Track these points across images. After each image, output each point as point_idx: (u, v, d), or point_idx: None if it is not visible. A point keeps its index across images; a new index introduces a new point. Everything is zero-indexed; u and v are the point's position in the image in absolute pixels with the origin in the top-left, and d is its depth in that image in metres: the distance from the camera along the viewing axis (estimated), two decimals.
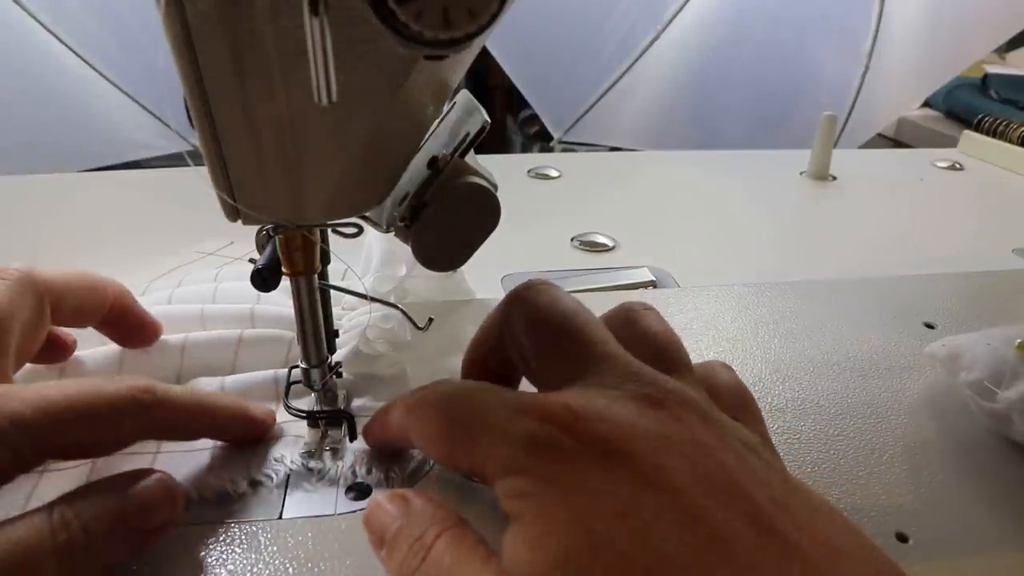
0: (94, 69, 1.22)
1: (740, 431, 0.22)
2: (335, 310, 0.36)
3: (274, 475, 0.27)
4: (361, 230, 0.27)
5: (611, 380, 0.22)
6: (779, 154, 0.82)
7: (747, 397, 0.25)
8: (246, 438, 0.29)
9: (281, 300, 0.37)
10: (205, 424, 0.27)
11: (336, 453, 0.29)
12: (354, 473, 0.28)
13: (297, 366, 0.30)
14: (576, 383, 0.22)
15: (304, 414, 0.30)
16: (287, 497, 0.27)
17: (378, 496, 0.23)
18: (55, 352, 0.31)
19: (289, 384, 0.31)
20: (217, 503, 0.26)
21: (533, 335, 0.24)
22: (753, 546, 0.17)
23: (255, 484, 0.27)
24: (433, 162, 0.27)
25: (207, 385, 0.32)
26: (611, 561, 0.17)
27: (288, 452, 0.28)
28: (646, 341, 0.25)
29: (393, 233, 0.29)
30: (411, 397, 0.24)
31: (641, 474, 0.19)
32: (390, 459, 0.29)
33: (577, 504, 0.18)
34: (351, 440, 0.30)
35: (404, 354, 0.35)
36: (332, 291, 0.32)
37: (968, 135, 0.83)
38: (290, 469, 0.28)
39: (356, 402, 0.32)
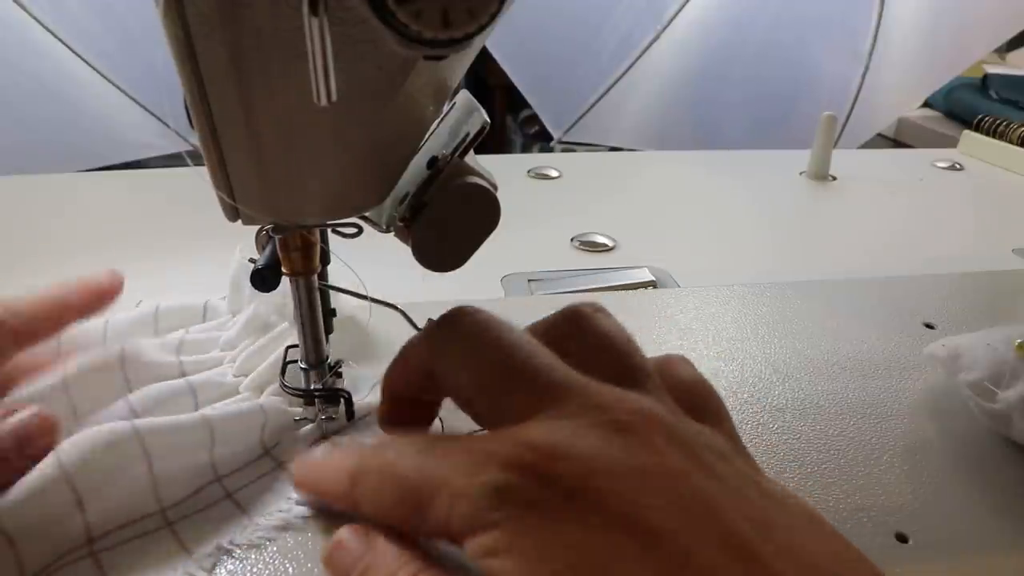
0: (94, 69, 1.22)
1: (707, 438, 0.21)
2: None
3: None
4: (361, 230, 0.28)
5: (571, 409, 0.20)
6: (779, 154, 0.82)
7: (709, 393, 0.24)
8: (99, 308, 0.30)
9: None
10: (56, 320, 0.28)
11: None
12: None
13: (294, 345, 0.30)
14: (534, 417, 0.20)
15: (300, 392, 0.29)
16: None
17: (340, 532, 0.22)
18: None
19: (285, 364, 0.31)
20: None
21: (473, 374, 0.22)
22: None
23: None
24: (433, 162, 0.27)
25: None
26: None
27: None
28: (600, 346, 0.23)
29: (393, 233, 0.29)
30: (351, 461, 0.22)
31: (615, 517, 0.18)
32: None
33: (554, 561, 0.17)
34: (348, 419, 0.30)
35: None
36: (332, 291, 0.32)
37: (968, 135, 0.83)
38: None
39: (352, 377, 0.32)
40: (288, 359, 0.31)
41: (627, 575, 0.17)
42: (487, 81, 2.10)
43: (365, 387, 0.32)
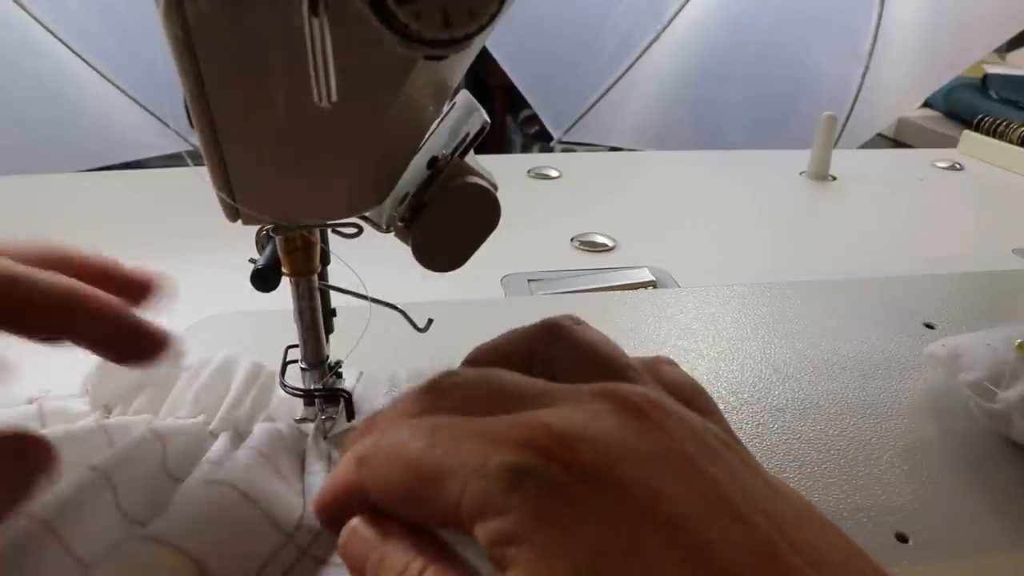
0: (94, 69, 1.22)
1: (713, 427, 0.21)
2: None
3: None
4: (361, 230, 0.28)
5: (582, 395, 0.20)
6: (779, 154, 0.82)
7: (699, 391, 0.24)
8: (127, 352, 0.24)
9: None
10: (69, 315, 0.23)
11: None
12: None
13: (294, 345, 0.30)
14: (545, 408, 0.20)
15: (300, 392, 0.29)
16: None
17: (354, 520, 0.21)
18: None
19: (285, 363, 0.31)
20: None
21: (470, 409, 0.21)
22: None
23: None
24: (433, 162, 0.27)
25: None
26: None
27: None
28: (585, 354, 0.23)
29: (393, 233, 0.29)
30: (359, 447, 0.21)
31: (637, 504, 0.17)
32: None
33: (577, 549, 0.17)
34: (348, 420, 0.30)
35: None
36: (332, 291, 0.32)
37: (968, 135, 0.84)
38: None
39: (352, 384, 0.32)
40: (288, 359, 0.31)
41: (651, 567, 0.17)
42: (487, 81, 2.10)
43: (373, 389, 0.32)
